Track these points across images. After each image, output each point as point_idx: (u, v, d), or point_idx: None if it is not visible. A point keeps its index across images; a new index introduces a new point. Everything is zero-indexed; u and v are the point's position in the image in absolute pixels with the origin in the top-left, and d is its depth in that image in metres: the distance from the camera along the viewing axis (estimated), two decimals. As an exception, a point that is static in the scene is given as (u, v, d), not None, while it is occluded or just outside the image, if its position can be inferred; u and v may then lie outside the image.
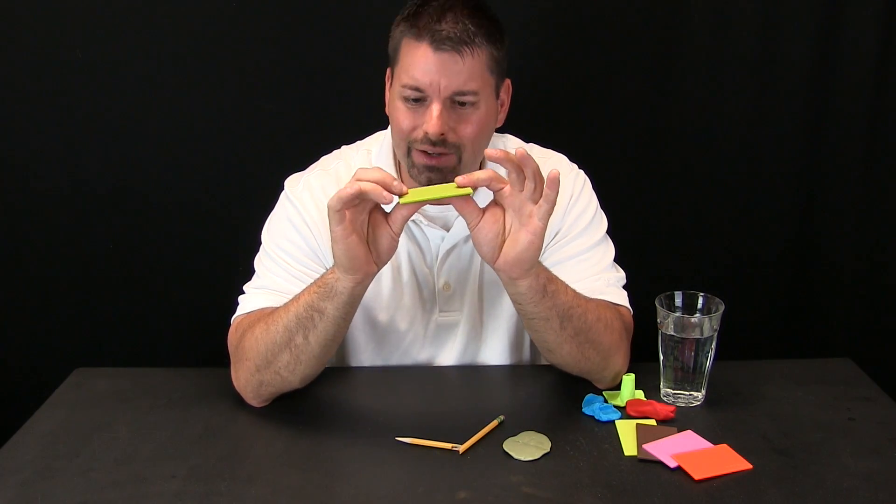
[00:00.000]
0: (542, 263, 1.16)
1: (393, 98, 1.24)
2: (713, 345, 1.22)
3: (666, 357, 1.23)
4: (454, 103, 1.19)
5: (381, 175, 1.06)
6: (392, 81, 1.25)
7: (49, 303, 1.75)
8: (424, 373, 1.36)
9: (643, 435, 1.14)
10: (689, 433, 1.15)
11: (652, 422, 1.18)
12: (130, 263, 1.72)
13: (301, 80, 1.65)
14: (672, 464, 1.08)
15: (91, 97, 1.64)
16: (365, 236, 1.11)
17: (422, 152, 1.21)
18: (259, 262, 1.34)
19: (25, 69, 1.62)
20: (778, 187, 1.75)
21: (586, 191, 1.38)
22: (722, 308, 1.22)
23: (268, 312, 1.23)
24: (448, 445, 1.11)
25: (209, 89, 1.65)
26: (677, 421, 1.19)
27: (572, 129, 1.63)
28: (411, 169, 1.24)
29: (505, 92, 1.29)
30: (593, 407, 1.21)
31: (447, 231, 1.32)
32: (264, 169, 1.65)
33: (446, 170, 1.21)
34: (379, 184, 1.05)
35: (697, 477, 1.05)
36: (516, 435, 1.14)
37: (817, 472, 1.07)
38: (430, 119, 1.18)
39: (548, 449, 1.11)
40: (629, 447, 1.12)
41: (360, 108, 1.62)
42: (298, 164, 1.39)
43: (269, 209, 1.37)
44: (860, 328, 1.81)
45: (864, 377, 1.33)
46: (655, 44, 1.67)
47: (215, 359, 1.36)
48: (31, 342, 1.76)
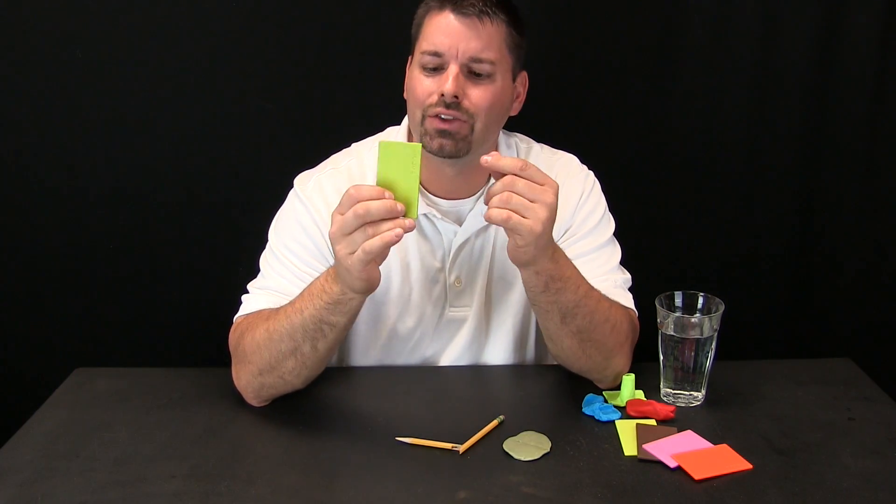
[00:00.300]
0: (557, 261, 1.15)
1: (412, 74, 1.26)
2: (713, 345, 1.22)
3: (666, 357, 1.23)
4: (471, 73, 1.22)
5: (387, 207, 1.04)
6: (411, 62, 1.27)
7: (49, 303, 1.74)
8: (424, 373, 1.36)
9: (643, 435, 1.14)
10: (689, 433, 1.15)
11: (652, 422, 1.18)
12: (130, 263, 1.72)
13: (302, 78, 1.65)
14: (672, 464, 1.08)
15: (91, 97, 1.63)
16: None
17: (435, 117, 1.22)
18: (264, 261, 1.34)
19: (25, 69, 1.61)
20: (778, 187, 1.75)
21: (595, 191, 1.38)
22: (722, 308, 1.22)
23: (267, 315, 1.23)
24: (448, 445, 1.11)
25: (209, 88, 1.64)
26: (677, 421, 1.19)
27: (572, 130, 1.63)
28: (423, 137, 1.24)
29: (521, 83, 1.32)
30: (593, 407, 1.21)
31: (459, 226, 1.32)
32: (265, 169, 1.66)
33: (458, 136, 1.22)
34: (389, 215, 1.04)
35: (697, 477, 1.05)
36: (516, 435, 1.14)
37: (817, 472, 1.07)
38: (447, 80, 1.20)
39: (548, 449, 1.11)
40: (629, 447, 1.12)
41: (363, 105, 1.63)
42: (298, 164, 1.39)
43: (270, 209, 1.37)
44: (860, 328, 1.80)
45: (864, 377, 1.33)
46: (654, 45, 1.67)
47: (215, 359, 1.36)
48: (31, 342, 1.76)
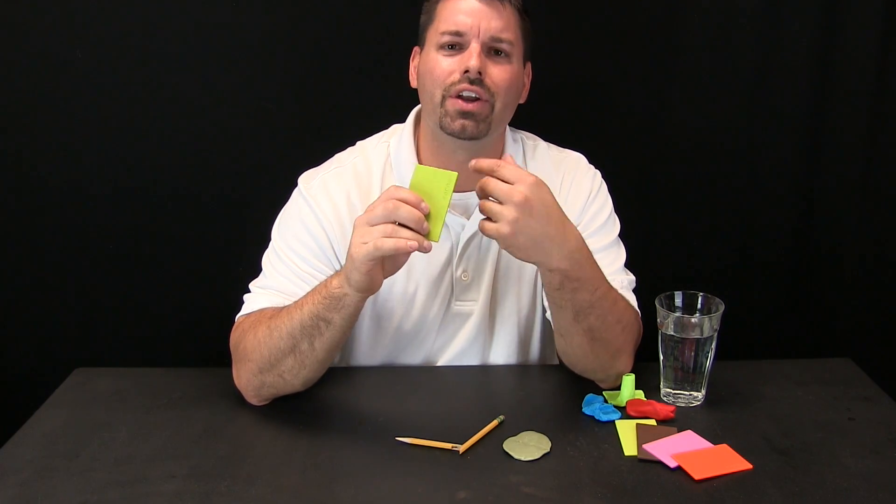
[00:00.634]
0: (574, 260, 1.13)
1: (427, 57, 1.26)
2: (713, 345, 1.22)
3: (666, 357, 1.23)
4: (490, 52, 1.23)
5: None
6: (425, 45, 1.28)
7: (49, 303, 1.74)
8: (425, 373, 1.36)
9: (643, 435, 1.14)
10: (689, 433, 1.15)
11: (652, 422, 1.18)
12: (130, 263, 1.72)
13: (306, 75, 1.65)
14: (672, 464, 1.08)
15: (91, 97, 1.63)
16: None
17: (457, 97, 1.22)
18: (267, 260, 1.33)
19: (25, 69, 1.61)
20: (778, 187, 1.75)
21: (603, 191, 1.39)
22: (722, 308, 1.22)
23: (269, 315, 1.23)
24: (448, 445, 1.11)
25: (210, 87, 1.64)
26: (677, 421, 1.19)
27: (571, 130, 1.62)
28: (443, 118, 1.24)
29: (528, 73, 1.34)
30: (593, 407, 1.21)
31: (467, 219, 1.31)
32: (268, 167, 1.66)
33: (479, 117, 1.22)
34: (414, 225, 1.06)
35: (697, 477, 1.05)
36: (516, 435, 1.14)
37: (817, 472, 1.07)
38: (471, 56, 1.21)
39: (548, 449, 1.11)
40: (629, 447, 1.12)
41: (368, 103, 1.63)
42: (302, 162, 1.39)
43: (273, 208, 1.36)
44: (860, 328, 1.81)
45: (864, 377, 1.33)
46: (655, 45, 1.67)
47: (215, 359, 1.36)
48: (31, 342, 1.76)
